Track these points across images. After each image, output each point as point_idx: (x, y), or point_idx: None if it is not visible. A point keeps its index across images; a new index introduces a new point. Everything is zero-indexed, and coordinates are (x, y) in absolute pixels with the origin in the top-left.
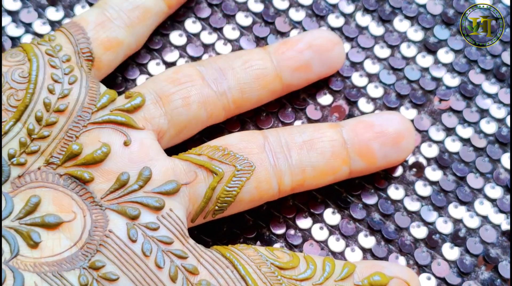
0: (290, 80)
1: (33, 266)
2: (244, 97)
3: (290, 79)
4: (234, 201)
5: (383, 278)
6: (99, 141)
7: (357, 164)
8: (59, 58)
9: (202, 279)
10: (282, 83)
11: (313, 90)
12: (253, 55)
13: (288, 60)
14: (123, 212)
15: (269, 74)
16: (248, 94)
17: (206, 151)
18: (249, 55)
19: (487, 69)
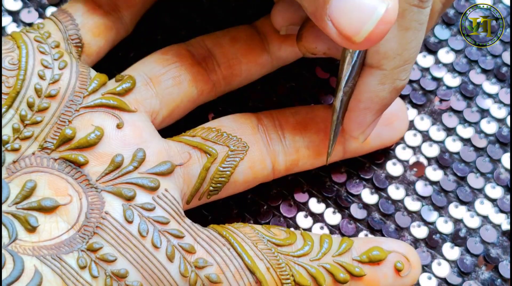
0: (279, 53)
1: (32, 249)
2: (234, 72)
3: (278, 52)
4: (229, 182)
5: (382, 252)
6: (92, 124)
7: (351, 144)
8: (48, 44)
9: (199, 258)
10: (271, 57)
11: (315, 90)
12: (240, 31)
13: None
14: (119, 193)
15: (257, 47)
16: (237, 70)
17: (200, 132)
18: (237, 31)
19: (487, 69)
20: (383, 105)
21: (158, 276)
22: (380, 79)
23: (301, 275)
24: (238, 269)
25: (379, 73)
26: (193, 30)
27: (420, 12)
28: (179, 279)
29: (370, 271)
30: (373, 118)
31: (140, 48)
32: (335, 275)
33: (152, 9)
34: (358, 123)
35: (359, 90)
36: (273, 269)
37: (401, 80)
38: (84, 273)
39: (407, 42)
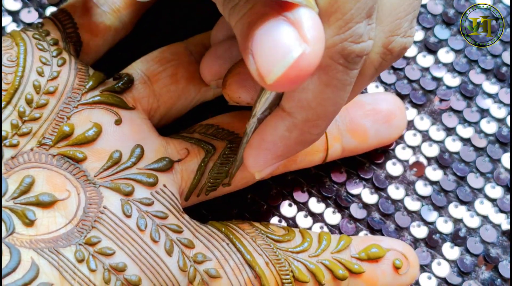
0: None
1: (29, 242)
2: None
3: None
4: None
5: (380, 250)
6: (90, 121)
7: (349, 142)
8: (46, 41)
9: (198, 252)
10: None
11: None
12: None
13: None
14: (117, 188)
15: None
16: None
17: (198, 129)
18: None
19: (487, 69)
20: (286, 152)
21: (156, 270)
22: (288, 127)
23: (300, 271)
24: (237, 264)
25: (289, 120)
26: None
27: (345, 73)
28: (178, 273)
29: (368, 268)
30: (272, 162)
31: (139, 47)
32: (334, 272)
33: (151, 8)
34: (256, 162)
35: (265, 129)
36: (272, 264)
37: (311, 134)
38: (82, 266)
39: (324, 99)
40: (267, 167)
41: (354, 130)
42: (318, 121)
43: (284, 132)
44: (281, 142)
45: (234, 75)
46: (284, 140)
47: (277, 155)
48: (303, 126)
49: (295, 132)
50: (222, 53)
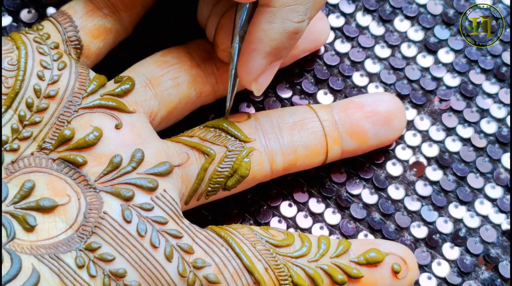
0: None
1: (30, 248)
2: None
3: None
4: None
5: (379, 254)
6: (90, 125)
7: (349, 144)
8: (47, 45)
9: (198, 258)
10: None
11: (315, 89)
12: None
13: None
14: (117, 193)
15: None
16: None
17: (198, 132)
18: None
19: (487, 69)
20: (273, 47)
21: (156, 276)
22: (269, 17)
23: (299, 276)
24: (237, 269)
25: (268, 10)
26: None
27: None
28: (177, 279)
29: (367, 273)
30: (263, 63)
31: (139, 49)
32: (333, 277)
33: (152, 10)
34: (249, 68)
35: (249, 31)
36: (271, 269)
37: (292, 22)
38: (82, 272)
39: None
40: (262, 76)
41: (354, 132)
42: (295, 6)
43: (266, 25)
44: (266, 36)
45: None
46: (268, 34)
47: (265, 53)
48: (282, 13)
49: (276, 21)
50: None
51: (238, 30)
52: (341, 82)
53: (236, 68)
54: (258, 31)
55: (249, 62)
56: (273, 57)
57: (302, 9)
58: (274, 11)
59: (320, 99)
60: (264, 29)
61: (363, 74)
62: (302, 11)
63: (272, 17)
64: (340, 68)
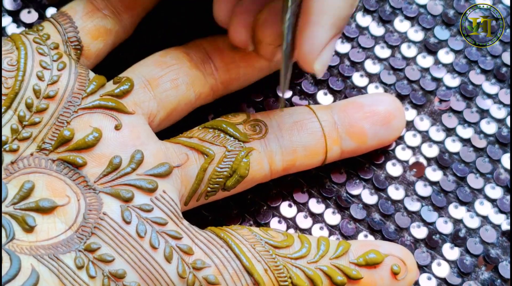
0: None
1: (29, 249)
2: (232, 76)
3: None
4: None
5: (378, 255)
6: (90, 126)
7: (348, 144)
8: (47, 45)
9: (197, 259)
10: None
11: (315, 90)
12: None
13: None
14: (117, 194)
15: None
16: (235, 74)
17: (197, 133)
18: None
19: (487, 70)
20: (336, 17)
21: (156, 277)
22: None
23: (299, 277)
24: (236, 270)
25: None
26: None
27: None
28: (177, 280)
29: (367, 274)
30: (327, 36)
31: (139, 49)
32: (332, 278)
33: (152, 11)
34: (312, 43)
35: (308, 2)
36: (271, 271)
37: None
38: (82, 273)
39: None
40: (324, 50)
41: (353, 132)
42: None
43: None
44: (327, 5)
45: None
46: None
47: (329, 24)
48: None
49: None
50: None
51: (289, 5)
52: (341, 83)
53: (289, 48)
54: (319, 0)
55: (311, 36)
56: (336, 29)
57: None
58: None
59: (320, 100)
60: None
61: (363, 74)
62: None
63: None
64: (340, 69)
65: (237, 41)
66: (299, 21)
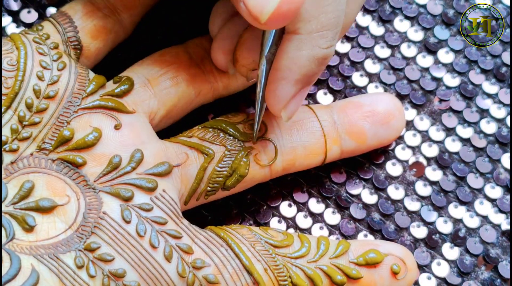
0: None
1: (29, 248)
2: (231, 76)
3: None
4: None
5: (378, 255)
6: (90, 126)
7: (348, 144)
8: (47, 45)
9: (197, 258)
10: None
11: (314, 89)
12: None
13: None
14: (116, 194)
15: None
16: None
17: (197, 133)
18: None
19: (487, 69)
20: (302, 75)
21: (155, 276)
22: (297, 45)
23: (298, 277)
24: (236, 270)
25: (296, 37)
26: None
27: None
28: (176, 279)
29: (366, 274)
30: (293, 91)
31: (139, 49)
32: (332, 277)
33: (151, 10)
34: (278, 96)
35: (277, 58)
36: (271, 270)
37: (321, 48)
38: (82, 272)
39: (323, 5)
40: (291, 101)
41: (353, 132)
42: (323, 32)
43: (294, 52)
44: (295, 64)
45: (241, 44)
46: (297, 61)
47: (294, 80)
48: (310, 39)
49: (304, 48)
50: (228, 32)
51: (265, 53)
52: (341, 82)
53: (264, 93)
54: (287, 58)
55: (278, 90)
56: (302, 84)
57: (330, 35)
58: (302, 39)
59: (319, 99)
60: (293, 57)
61: (363, 74)
62: (331, 36)
63: (301, 45)
64: (340, 68)
65: (217, 64)
66: (269, 75)
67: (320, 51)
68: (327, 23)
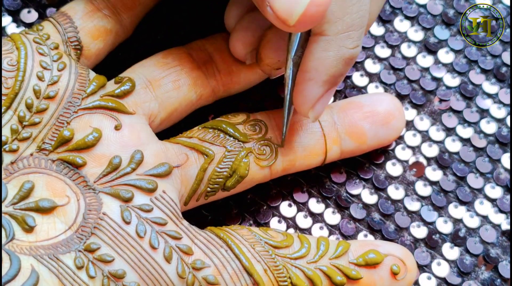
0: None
1: (29, 249)
2: (233, 79)
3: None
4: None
5: (378, 256)
6: (90, 126)
7: (348, 144)
8: (47, 45)
9: (197, 259)
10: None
11: None
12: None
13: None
14: (116, 195)
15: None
16: (236, 77)
17: (197, 133)
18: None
19: (487, 69)
20: (330, 75)
21: (155, 277)
22: (324, 46)
23: (298, 278)
24: (236, 270)
25: (323, 39)
26: (194, 31)
27: None
28: (176, 280)
29: (366, 274)
30: (320, 91)
31: (139, 49)
32: (332, 278)
33: (152, 10)
34: (305, 97)
35: (304, 60)
36: (271, 271)
37: (348, 49)
38: (81, 273)
39: (348, 6)
40: (318, 101)
41: (353, 132)
42: (349, 32)
43: (321, 53)
44: (322, 65)
45: (265, 44)
46: (324, 62)
47: (322, 81)
48: (337, 40)
49: (331, 49)
50: (249, 24)
51: (291, 56)
52: (341, 82)
53: (291, 95)
54: (314, 60)
55: (305, 91)
56: (329, 85)
57: (356, 35)
58: (329, 40)
59: None
60: (320, 58)
61: (363, 74)
62: (357, 36)
63: (327, 46)
64: None
65: (236, 55)
66: (297, 76)
67: (347, 51)
68: (353, 24)
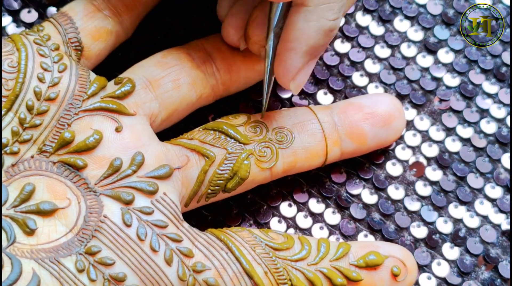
0: None
1: (30, 252)
2: (233, 78)
3: None
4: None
5: (379, 257)
6: (91, 128)
7: (348, 145)
8: (47, 47)
9: (197, 262)
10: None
11: (315, 89)
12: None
13: None
14: (117, 197)
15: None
16: (236, 76)
17: (198, 135)
18: None
19: (487, 69)
20: (310, 46)
21: (156, 279)
22: (305, 16)
23: (299, 280)
24: (236, 273)
25: (304, 9)
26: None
27: None
28: (177, 283)
29: (367, 276)
30: (301, 62)
31: (139, 49)
32: (332, 280)
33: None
34: (286, 68)
35: (286, 30)
36: (271, 273)
37: (328, 20)
38: (82, 276)
39: None
40: (299, 72)
41: (353, 133)
42: (330, 4)
43: (302, 23)
44: (303, 34)
45: (252, 21)
46: (305, 32)
47: (303, 52)
48: (318, 11)
49: (312, 19)
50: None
51: (273, 27)
52: (341, 82)
53: (272, 66)
54: (294, 30)
55: (286, 62)
56: (310, 56)
57: (337, 7)
58: (310, 10)
59: (320, 99)
60: (301, 28)
61: (363, 74)
62: (337, 8)
63: (308, 16)
64: (340, 68)
65: (228, 40)
66: (278, 46)
67: (327, 22)
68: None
